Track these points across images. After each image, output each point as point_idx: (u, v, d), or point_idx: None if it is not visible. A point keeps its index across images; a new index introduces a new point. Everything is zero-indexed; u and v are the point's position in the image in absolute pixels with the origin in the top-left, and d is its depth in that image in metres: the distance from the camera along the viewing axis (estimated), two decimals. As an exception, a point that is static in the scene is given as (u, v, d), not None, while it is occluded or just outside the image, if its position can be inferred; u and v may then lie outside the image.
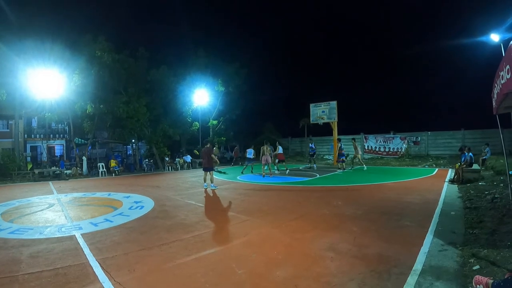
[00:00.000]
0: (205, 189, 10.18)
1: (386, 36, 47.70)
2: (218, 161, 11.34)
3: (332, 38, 53.59)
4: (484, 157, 13.67)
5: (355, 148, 16.20)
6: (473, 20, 33.63)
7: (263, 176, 13.26)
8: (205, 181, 10.52)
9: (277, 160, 15.89)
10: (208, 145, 10.93)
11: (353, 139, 16.21)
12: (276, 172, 15.17)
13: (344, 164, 16.07)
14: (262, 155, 13.50)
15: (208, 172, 10.46)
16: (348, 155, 23.00)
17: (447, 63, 37.34)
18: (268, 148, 13.72)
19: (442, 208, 6.45)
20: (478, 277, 2.90)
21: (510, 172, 6.34)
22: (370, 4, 48.94)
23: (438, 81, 38.99)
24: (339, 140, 17.00)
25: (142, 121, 19.32)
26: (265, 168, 13.58)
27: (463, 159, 10.63)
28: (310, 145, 18.06)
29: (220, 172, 16.02)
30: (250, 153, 15.94)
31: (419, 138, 20.81)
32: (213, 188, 10.19)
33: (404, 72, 39.73)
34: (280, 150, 16.24)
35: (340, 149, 15.94)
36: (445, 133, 20.25)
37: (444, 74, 38.59)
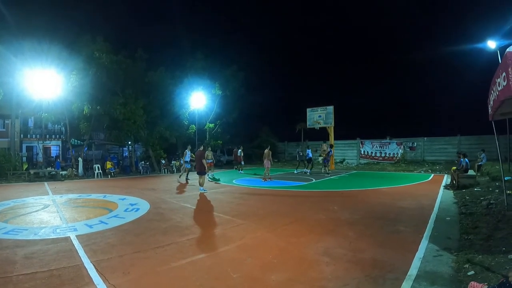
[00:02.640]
0: (201, 192, 10.14)
1: (383, 42, 48.23)
2: (206, 165, 10.85)
3: (329, 42, 54.07)
4: (479, 163, 13.74)
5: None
6: (471, 26, 34.10)
7: (264, 180, 13.30)
8: (200, 184, 10.49)
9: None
10: (201, 148, 10.90)
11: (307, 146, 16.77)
12: (240, 172, 17.53)
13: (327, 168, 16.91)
14: (263, 159, 13.73)
15: (201, 176, 10.46)
16: (344, 159, 23.16)
17: (444, 69, 37.83)
18: (269, 152, 13.80)
19: (438, 213, 6.48)
20: (473, 284, 2.90)
21: (506, 178, 6.40)
22: (368, 10, 49.41)
23: (435, 87, 39.46)
24: (331, 146, 17.88)
25: (138, 123, 19.24)
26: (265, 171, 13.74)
27: (460, 164, 10.68)
28: (307, 150, 18.57)
29: (214, 178, 13.96)
30: (188, 156, 14.14)
31: (415, 143, 20.90)
32: (202, 191, 10.17)
33: (401, 77, 40.21)
34: (239, 153, 18.18)
35: (329, 155, 17.01)
36: (441, 138, 20.36)
37: (441, 80, 39.06)
